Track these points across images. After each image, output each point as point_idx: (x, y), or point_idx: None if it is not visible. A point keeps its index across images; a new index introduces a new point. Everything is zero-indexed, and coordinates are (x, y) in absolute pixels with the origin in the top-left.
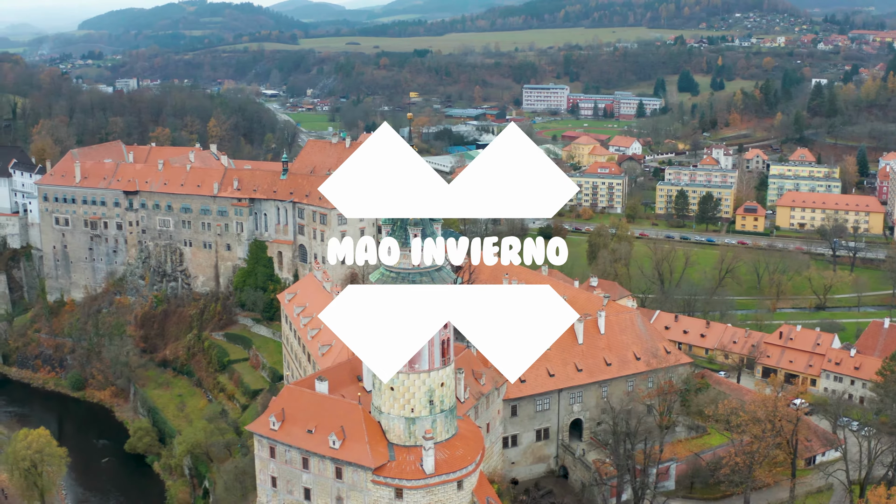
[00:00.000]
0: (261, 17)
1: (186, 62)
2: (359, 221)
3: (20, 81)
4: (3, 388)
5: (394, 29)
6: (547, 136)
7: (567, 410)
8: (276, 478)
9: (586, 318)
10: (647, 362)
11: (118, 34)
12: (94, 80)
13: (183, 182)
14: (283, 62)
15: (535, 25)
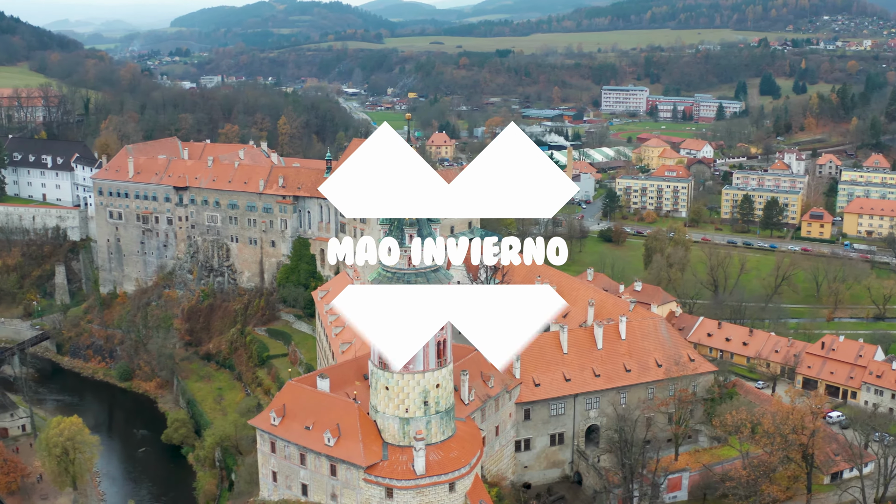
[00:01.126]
0: (349, 15)
1: (271, 60)
2: None
3: (101, 77)
4: (55, 377)
5: (479, 29)
6: (622, 137)
7: (583, 416)
8: (277, 472)
9: (608, 323)
10: (668, 370)
11: (208, 31)
12: (180, 76)
13: (231, 179)
14: (365, 61)
15: (621, 26)
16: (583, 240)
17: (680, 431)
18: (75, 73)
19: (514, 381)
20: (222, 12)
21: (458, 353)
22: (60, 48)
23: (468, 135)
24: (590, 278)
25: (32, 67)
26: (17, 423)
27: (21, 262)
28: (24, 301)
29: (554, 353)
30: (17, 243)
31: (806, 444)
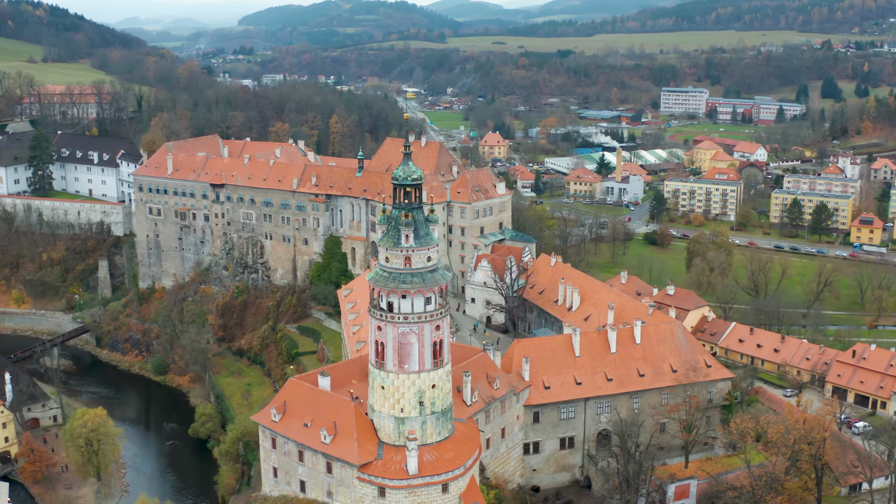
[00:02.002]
0: (414, 15)
1: (333, 59)
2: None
3: (160, 75)
4: (93, 370)
5: (544, 29)
6: (679, 139)
7: (594, 420)
8: (277, 468)
9: (624, 327)
10: (684, 375)
11: (274, 30)
12: (243, 75)
13: (265, 177)
14: (427, 60)
15: (685, 27)
16: (627, 242)
17: (690, 438)
18: (135, 70)
19: (523, 384)
20: (289, 11)
21: (464, 353)
22: (123, 46)
23: (523, 135)
24: (623, 281)
25: (94, 64)
26: (48, 414)
27: (65, 256)
28: (66, 295)
29: (566, 356)
30: (62, 238)
31: (814, 454)
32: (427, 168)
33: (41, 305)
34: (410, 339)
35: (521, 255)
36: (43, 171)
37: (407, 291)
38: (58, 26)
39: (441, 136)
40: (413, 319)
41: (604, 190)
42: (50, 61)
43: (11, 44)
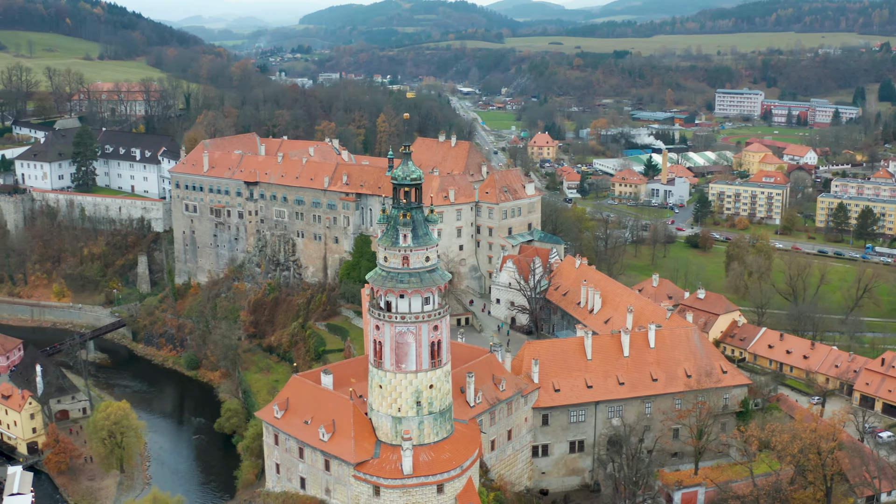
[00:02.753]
0: (474, 14)
1: (390, 58)
2: (455, 220)
3: (213, 73)
4: (129, 363)
5: (602, 30)
6: (732, 141)
7: (605, 424)
8: (280, 465)
9: (640, 330)
10: (698, 380)
11: (334, 29)
12: (300, 73)
13: (298, 175)
14: (483, 60)
15: (745, 29)
16: (668, 245)
17: (699, 445)
18: (189, 68)
19: (531, 386)
20: (350, 10)
21: (470, 354)
22: (180, 44)
23: (574, 136)
24: (655, 284)
25: (149, 62)
26: (77, 406)
27: (106, 251)
28: (105, 289)
29: (577, 359)
30: (103, 233)
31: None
32: (456, 168)
33: (81, 299)
34: (408, 338)
35: (548, 257)
36: (86, 168)
37: (404, 291)
38: (115, 24)
39: (491, 136)
40: (410, 319)
41: (649, 192)
42: (106, 59)
43: (69, 41)
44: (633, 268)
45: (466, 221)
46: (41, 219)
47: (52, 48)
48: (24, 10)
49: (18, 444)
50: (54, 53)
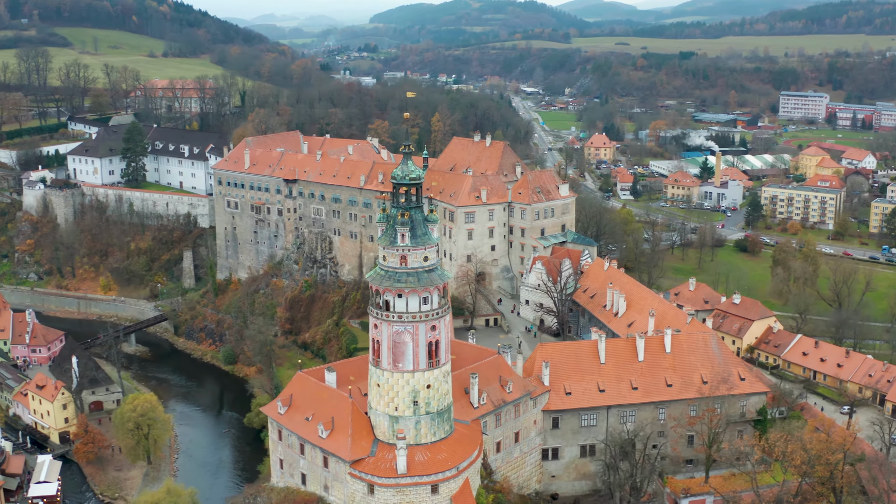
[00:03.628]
0: (543, 14)
1: (455, 58)
2: (487, 220)
3: (275, 71)
4: (169, 357)
5: (671, 30)
6: (793, 144)
7: (617, 429)
8: (283, 460)
9: (658, 335)
10: (714, 387)
11: (403, 28)
12: (365, 72)
13: (335, 173)
14: (548, 60)
15: (815, 30)
16: (716, 248)
17: (710, 453)
18: (251, 66)
19: (541, 388)
20: (419, 9)
21: (477, 355)
22: (245, 42)
23: (633, 137)
24: (691, 288)
25: (213, 60)
26: (111, 398)
27: (152, 245)
28: (150, 283)
29: (590, 362)
30: (150, 228)
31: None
32: (490, 168)
33: (127, 293)
34: (405, 338)
35: (580, 259)
36: (136, 163)
37: (402, 290)
38: (181, 22)
39: (550, 137)
40: (407, 318)
41: (702, 195)
42: (171, 56)
43: (134, 38)
44: (679, 271)
45: (499, 222)
46: (90, 213)
47: (118, 45)
48: (91, 8)
49: (51, 433)
50: (119, 51)
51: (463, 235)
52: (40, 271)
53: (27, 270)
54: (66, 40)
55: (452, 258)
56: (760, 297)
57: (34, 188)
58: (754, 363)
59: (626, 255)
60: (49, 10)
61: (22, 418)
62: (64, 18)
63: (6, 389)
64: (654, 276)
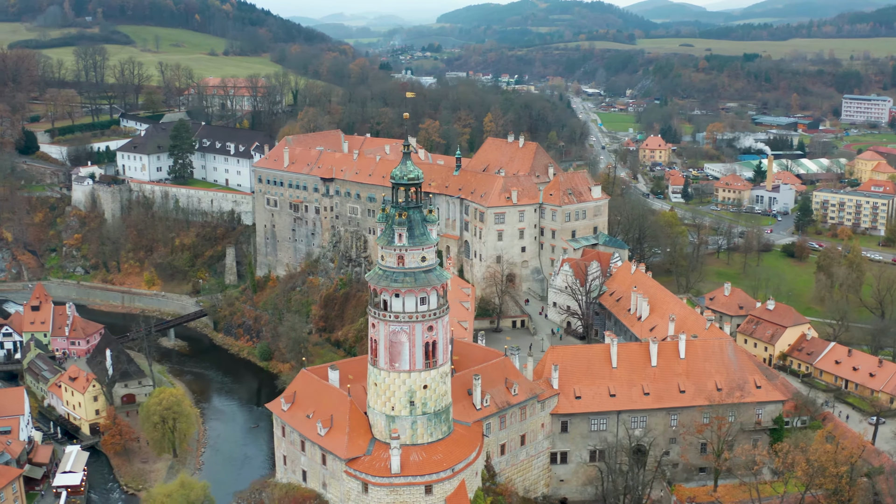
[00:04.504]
0: (609, 15)
1: (518, 58)
2: (518, 221)
3: (333, 70)
4: (207, 352)
5: (737, 32)
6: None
7: (627, 434)
8: (286, 456)
9: (673, 340)
10: (728, 394)
11: (469, 28)
12: (428, 72)
13: (371, 172)
14: (610, 61)
15: (883, 33)
16: (763, 253)
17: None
18: (310, 65)
19: (550, 391)
20: (486, 9)
21: (484, 356)
22: (307, 41)
23: (691, 139)
24: (727, 293)
25: (273, 59)
26: (144, 391)
27: (195, 242)
28: (193, 279)
29: (602, 366)
30: (194, 224)
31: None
32: (522, 169)
33: (170, 288)
34: (401, 338)
35: (609, 261)
36: (183, 160)
37: (398, 290)
38: (243, 21)
39: (607, 138)
40: (404, 318)
41: (753, 198)
42: (231, 54)
43: (196, 37)
44: (722, 275)
45: (529, 223)
46: (137, 209)
47: (179, 43)
48: (155, 6)
49: (82, 424)
50: (180, 49)
51: (493, 236)
52: (87, 265)
53: (74, 264)
54: (128, 38)
55: (482, 259)
56: (803, 303)
57: (83, 184)
58: (786, 371)
59: (668, 258)
60: (113, 8)
61: (56, 409)
62: (127, 16)
63: (42, 381)
64: (693, 280)
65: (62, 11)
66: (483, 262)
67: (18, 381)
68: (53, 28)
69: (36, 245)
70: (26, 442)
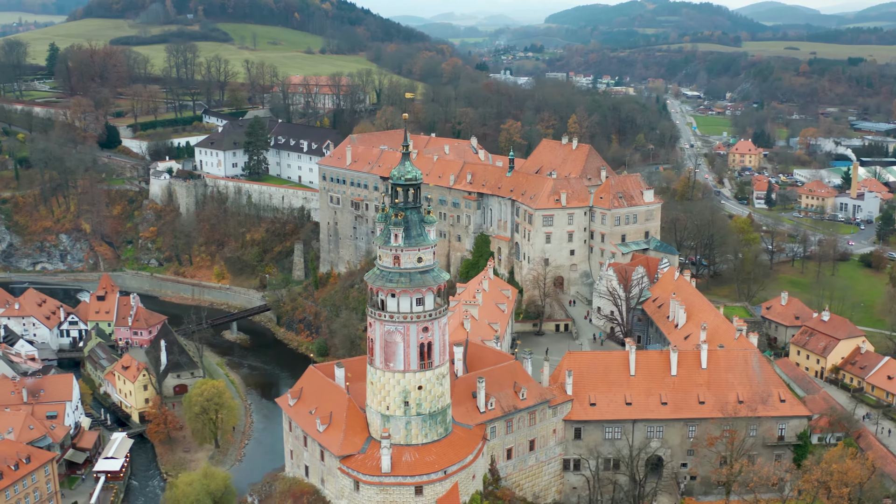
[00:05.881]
0: (717, 17)
1: (620, 59)
2: (567, 224)
3: (425, 69)
4: (267, 346)
5: (846, 36)
6: None
7: (643, 444)
8: (293, 451)
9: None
10: (750, 407)
11: (575, 29)
12: (529, 72)
13: (428, 172)
14: (712, 64)
15: None
16: (840, 263)
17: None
18: (404, 64)
19: (563, 397)
20: (595, 10)
21: (495, 359)
22: (405, 40)
23: (785, 144)
24: (783, 303)
25: (369, 57)
26: (194, 382)
27: (265, 237)
28: (260, 274)
29: (619, 373)
30: (265, 220)
31: None
32: (574, 171)
33: (238, 282)
34: (396, 338)
35: (657, 267)
36: (257, 157)
37: (394, 290)
38: (342, 19)
39: (699, 142)
40: (398, 319)
41: (837, 206)
42: (328, 52)
43: (294, 35)
44: (795, 284)
45: (579, 226)
46: (211, 204)
47: (276, 41)
48: (255, 4)
49: (132, 412)
50: (277, 47)
51: (540, 238)
52: (161, 258)
53: (149, 256)
54: (226, 35)
55: (529, 261)
56: (873, 314)
57: (160, 178)
58: (837, 384)
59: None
60: (214, 6)
61: (111, 397)
62: (227, 14)
63: (100, 368)
64: (756, 289)
65: (164, 9)
66: (530, 265)
67: (80, 368)
68: (155, 25)
69: (113, 237)
70: (71, 427)
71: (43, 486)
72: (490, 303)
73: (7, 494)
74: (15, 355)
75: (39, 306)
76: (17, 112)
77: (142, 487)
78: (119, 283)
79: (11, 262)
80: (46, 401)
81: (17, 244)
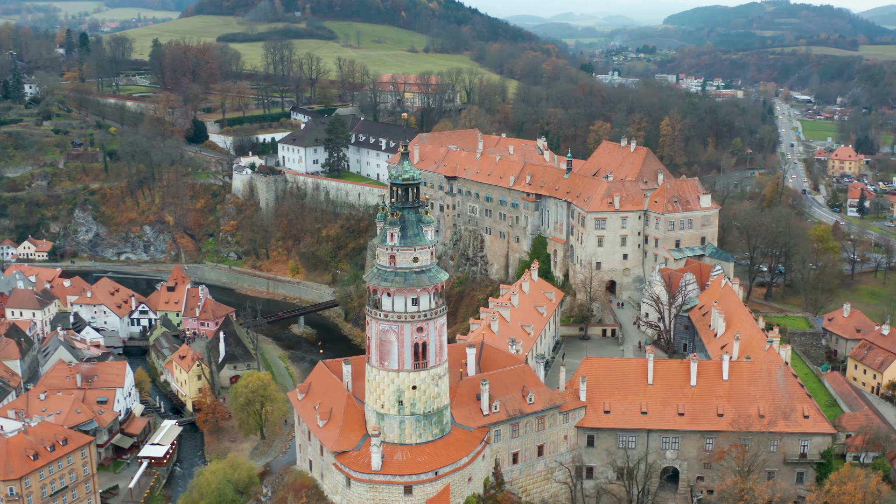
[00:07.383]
0: (837, 20)
1: (732, 62)
2: (620, 228)
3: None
4: (332, 341)
5: None
6: None
7: (658, 455)
8: (301, 445)
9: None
10: (771, 422)
11: (692, 30)
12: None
13: (490, 172)
14: (826, 68)
15: None
16: None
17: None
18: (506, 63)
19: (575, 403)
20: (713, 11)
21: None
22: (511, 40)
23: (890, 151)
24: (845, 315)
25: (472, 57)
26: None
27: (340, 233)
28: (333, 269)
29: (637, 382)
30: (340, 216)
31: None
32: (630, 174)
33: (312, 277)
34: (390, 337)
35: (709, 274)
36: (337, 154)
37: (388, 289)
38: (448, 18)
39: (801, 147)
40: (393, 318)
41: None
42: (431, 51)
43: (399, 33)
44: (875, 295)
45: (632, 230)
46: (290, 199)
47: (381, 39)
48: (362, 3)
49: (187, 401)
50: (381, 45)
51: (592, 241)
52: (240, 251)
53: (228, 250)
54: (332, 33)
55: (581, 264)
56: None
57: (242, 173)
58: (893, 401)
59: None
60: (321, 4)
61: (170, 385)
62: (335, 12)
63: (162, 357)
64: (823, 299)
65: (272, 6)
66: (582, 268)
67: (146, 357)
68: (262, 22)
69: (195, 229)
70: (120, 413)
71: (79, 468)
72: (528, 305)
73: (41, 474)
74: (80, 341)
75: (112, 295)
76: (110, 106)
77: (185, 474)
78: (199, 275)
79: (97, 251)
80: (98, 386)
81: (104, 234)
